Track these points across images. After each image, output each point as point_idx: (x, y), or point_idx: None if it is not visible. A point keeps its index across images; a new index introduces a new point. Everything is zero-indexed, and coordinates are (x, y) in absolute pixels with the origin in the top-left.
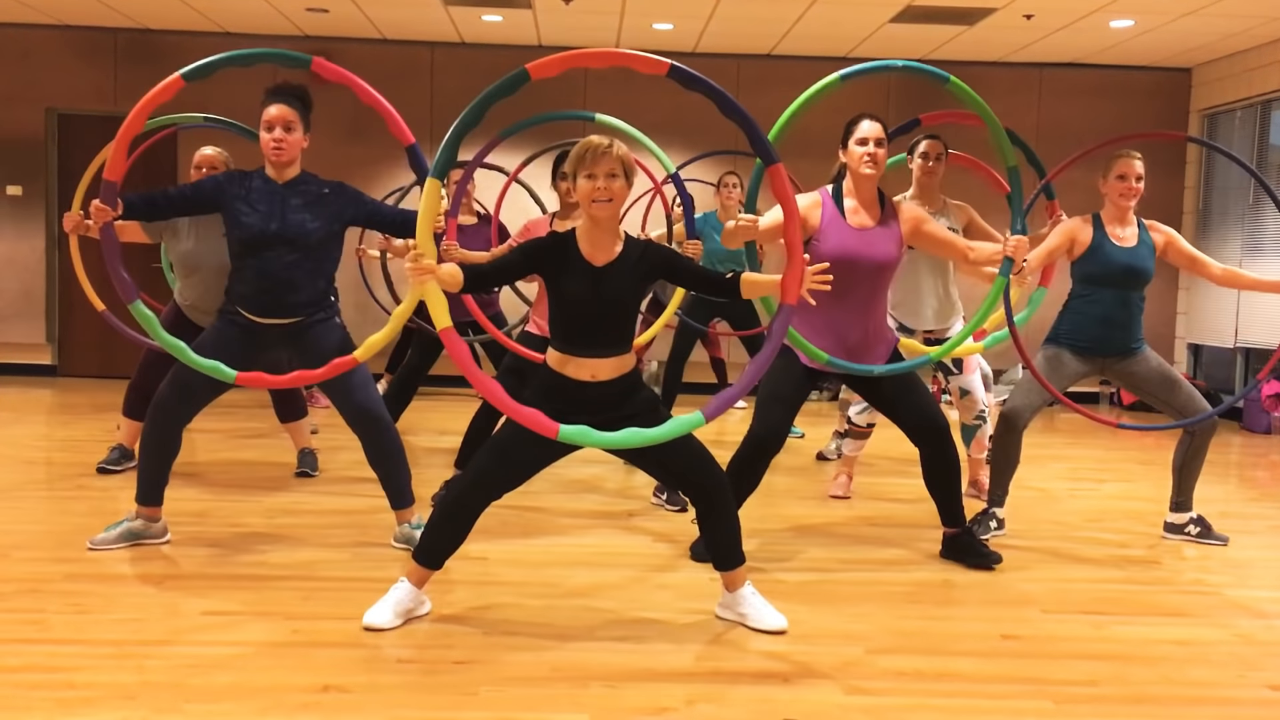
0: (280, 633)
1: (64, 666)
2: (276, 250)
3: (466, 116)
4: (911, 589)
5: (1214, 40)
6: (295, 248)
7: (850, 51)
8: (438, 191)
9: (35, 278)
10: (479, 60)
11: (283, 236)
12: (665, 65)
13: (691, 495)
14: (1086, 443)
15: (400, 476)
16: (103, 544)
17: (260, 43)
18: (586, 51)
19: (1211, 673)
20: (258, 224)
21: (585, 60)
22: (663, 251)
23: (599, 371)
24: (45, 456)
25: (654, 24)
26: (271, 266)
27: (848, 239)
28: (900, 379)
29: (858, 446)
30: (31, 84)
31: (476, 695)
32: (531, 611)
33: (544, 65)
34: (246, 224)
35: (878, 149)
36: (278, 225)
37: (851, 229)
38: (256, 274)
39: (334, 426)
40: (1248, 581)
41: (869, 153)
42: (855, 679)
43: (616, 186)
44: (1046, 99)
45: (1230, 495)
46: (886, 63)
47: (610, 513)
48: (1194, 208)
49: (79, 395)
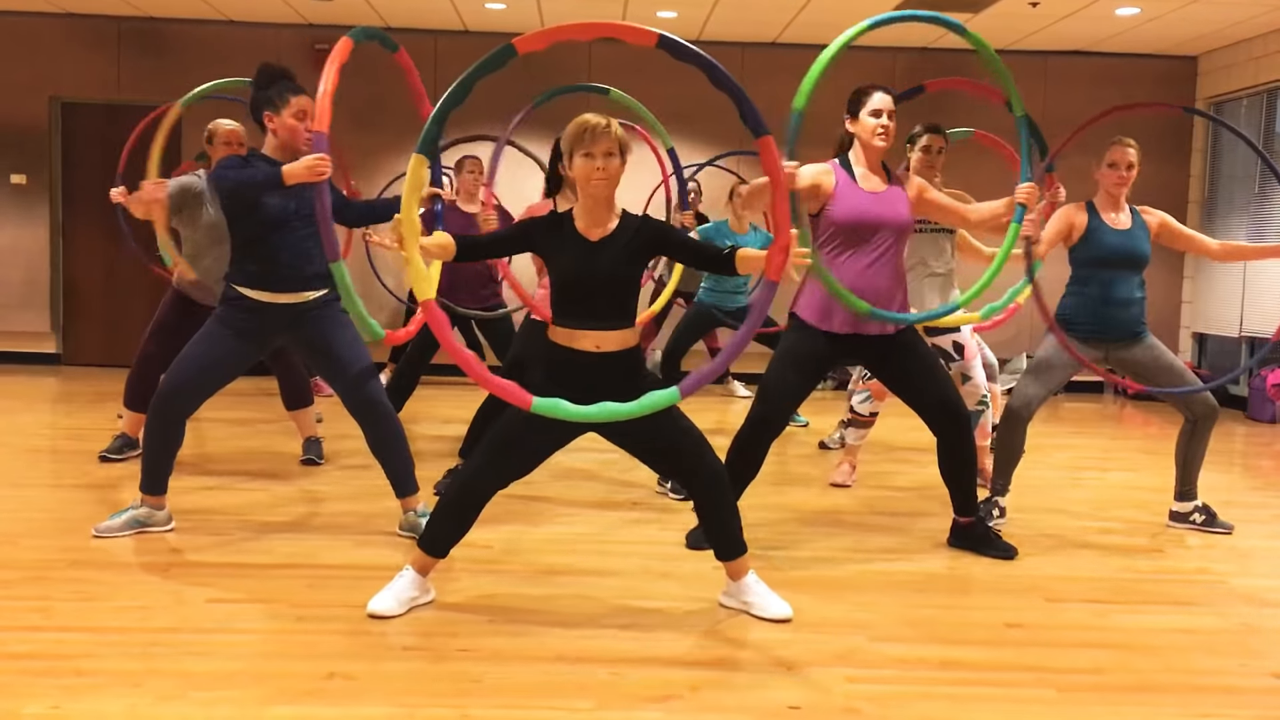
0: (285, 620)
1: (69, 654)
2: (294, 226)
3: (453, 93)
4: (915, 578)
5: (1220, 28)
6: (309, 223)
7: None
8: (423, 167)
9: (39, 266)
10: (483, 48)
11: (301, 213)
12: (654, 36)
13: (688, 486)
14: (1091, 431)
15: (402, 464)
16: (108, 531)
17: (264, 31)
18: (573, 24)
19: (1216, 661)
20: (279, 203)
21: (572, 33)
22: (658, 226)
23: (603, 342)
24: (50, 445)
25: (658, 11)
26: (290, 241)
27: (864, 201)
28: (921, 365)
29: (861, 435)
30: (36, 72)
31: (481, 682)
32: (535, 599)
33: (531, 39)
34: (269, 204)
35: (890, 121)
36: (296, 204)
37: (865, 192)
38: (275, 249)
39: (338, 415)
40: (1252, 570)
41: (883, 125)
42: (859, 667)
43: (614, 166)
44: (1052, 87)
45: (1235, 484)
46: (913, 13)
47: (614, 501)
48: (1199, 197)
49: (83, 384)
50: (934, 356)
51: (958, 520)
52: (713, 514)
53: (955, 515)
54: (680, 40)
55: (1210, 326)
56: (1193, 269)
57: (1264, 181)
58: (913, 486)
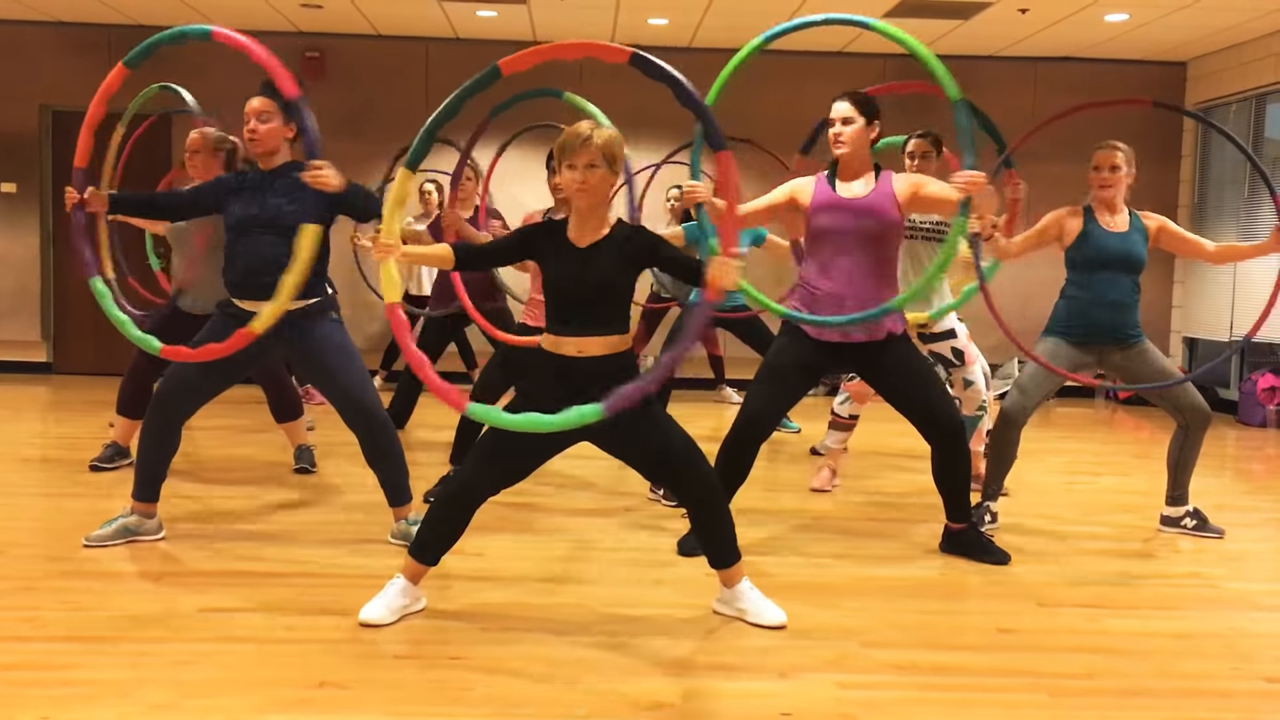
0: (276, 629)
1: (59, 664)
2: (259, 232)
3: (442, 112)
4: (908, 583)
5: (1209, 34)
6: (275, 230)
7: (845, 46)
8: (408, 181)
9: (30, 275)
10: (474, 56)
11: (260, 219)
12: (627, 54)
13: (680, 493)
14: (1083, 436)
15: (397, 473)
16: (98, 540)
17: (255, 39)
18: (555, 45)
19: (1207, 665)
20: (241, 210)
21: (555, 53)
22: (650, 237)
23: (585, 347)
24: (40, 454)
25: (649, 19)
26: (256, 247)
27: (833, 207)
28: (912, 372)
29: (841, 439)
30: (25, 81)
31: (473, 690)
32: (528, 607)
33: (515, 60)
34: (232, 212)
35: (844, 127)
36: (258, 209)
37: (841, 199)
38: (244, 257)
39: (331, 424)
40: (1243, 574)
41: (835, 133)
42: (851, 673)
43: (596, 177)
44: (1042, 93)
45: (1226, 488)
46: (807, 19)
47: (606, 509)
48: (1189, 201)
49: (74, 392)
50: (927, 363)
51: (950, 526)
52: (705, 521)
53: (948, 520)
54: (652, 59)
55: (1201, 331)
56: (1183, 273)
57: (1253, 185)
58: (905, 492)
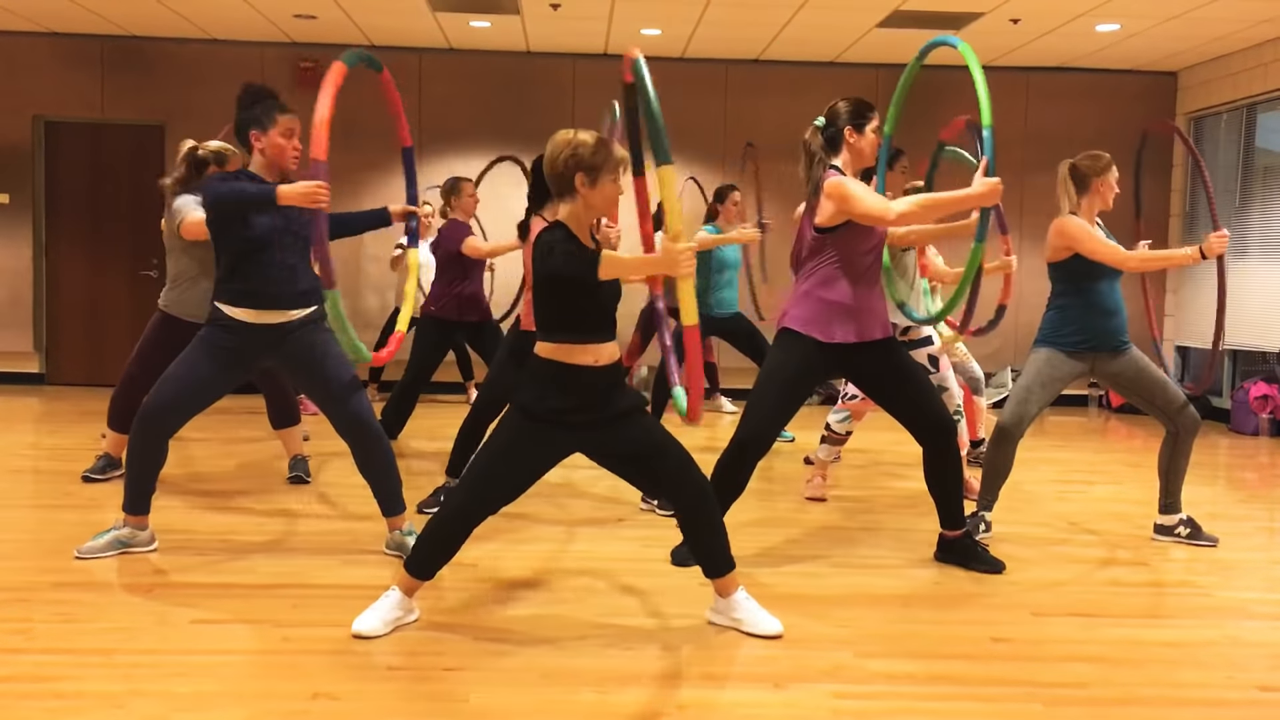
0: (270, 640)
1: (51, 676)
2: (284, 243)
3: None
4: (901, 592)
5: (1200, 44)
6: (298, 239)
7: (838, 56)
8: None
9: (23, 286)
10: (467, 66)
11: (289, 230)
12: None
13: (673, 502)
14: (1076, 445)
15: (390, 484)
16: (90, 552)
17: (247, 50)
18: None
19: (1200, 674)
20: (267, 221)
21: None
22: None
23: (601, 355)
24: (33, 465)
25: (642, 29)
26: (279, 258)
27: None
28: (909, 377)
29: (833, 453)
30: (18, 92)
31: (467, 702)
32: (522, 618)
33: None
34: (258, 221)
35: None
36: (284, 222)
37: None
38: (262, 267)
39: (325, 434)
40: (1236, 583)
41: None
42: (845, 683)
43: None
44: (1034, 103)
45: (1219, 496)
46: (944, 37)
47: (600, 519)
48: (1181, 210)
49: (66, 403)
50: (920, 369)
51: (944, 534)
52: (698, 531)
53: (941, 529)
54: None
55: (1192, 339)
56: (1175, 282)
57: (1245, 195)
58: (898, 500)
